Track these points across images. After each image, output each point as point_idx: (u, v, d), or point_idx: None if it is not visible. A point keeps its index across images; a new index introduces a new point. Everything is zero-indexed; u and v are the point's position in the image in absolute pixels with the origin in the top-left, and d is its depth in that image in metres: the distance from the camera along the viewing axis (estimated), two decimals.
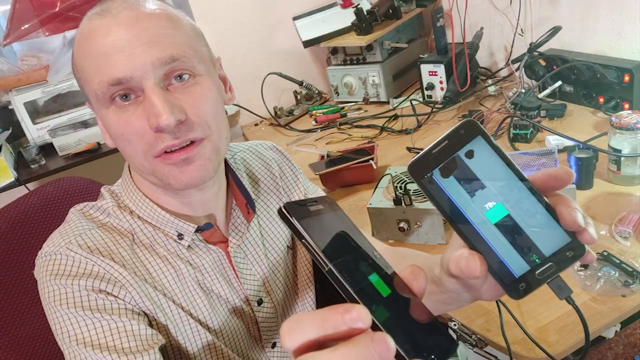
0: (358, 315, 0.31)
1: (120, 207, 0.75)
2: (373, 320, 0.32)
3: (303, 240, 0.35)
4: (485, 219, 0.43)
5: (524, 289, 0.42)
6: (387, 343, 0.30)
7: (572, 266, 0.43)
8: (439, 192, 0.43)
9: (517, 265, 0.43)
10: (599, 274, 0.88)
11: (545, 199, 0.43)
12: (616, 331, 0.92)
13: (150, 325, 0.70)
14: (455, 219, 0.44)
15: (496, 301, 0.85)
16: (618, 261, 0.90)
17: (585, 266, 0.90)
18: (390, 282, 0.38)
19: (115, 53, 0.63)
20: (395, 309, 0.36)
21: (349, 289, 0.34)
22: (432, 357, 0.34)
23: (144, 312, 0.70)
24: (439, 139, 0.44)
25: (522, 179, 0.43)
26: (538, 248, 0.42)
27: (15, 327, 0.97)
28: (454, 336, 0.88)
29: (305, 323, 0.32)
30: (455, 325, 0.88)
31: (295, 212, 0.36)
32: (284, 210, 0.36)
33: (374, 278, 0.37)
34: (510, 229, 0.43)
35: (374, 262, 0.39)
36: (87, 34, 0.65)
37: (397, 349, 0.32)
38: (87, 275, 0.67)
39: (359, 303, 0.33)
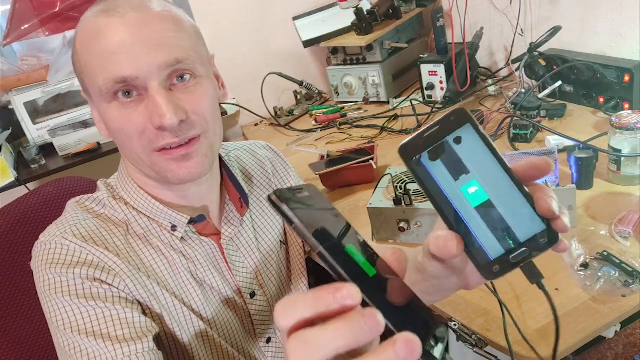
0: (349, 293, 0.32)
1: (116, 199, 0.77)
2: (363, 298, 0.34)
3: (293, 225, 0.37)
4: (466, 202, 0.45)
5: (497, 271, 0.45)
6: (377, 318, 0.32)
7: (547, 253, 0.45)
8: (426, 174, 0.46)
9: (493, 248, 0.45)
10: (599, 274, 0.88)
11: (525, 187, 0.45)
12: (616, 331, 0.92)
13: (144, 314, 0.71)
14: (438, 201, 0.46)
15: (499, 302, 0.85)
16: (618, 261, 0.90)
17: (585, 266, 0.91)
18: (374, 263, 0.39)
19: (121, 53, 0.65)
20: (381, 288, 0.37)
21: (340, 269, 0.36)
22: (419, 331, 0.35)
23: (138, 300, 0.71)
24: (430, 124, 0.46)
25: (505, 167, 0.45)
26: (514, 233, 0.45)
27: (15, 327, 0.97)
28: (455, 335, 0.88)
29: (298, 302, 0.33)
30: (455, 325, 0.88)
31: (284, 198, 0.37)
32: (273, 196, 0.37)
33: (360, 259, 0.38)
34: (489, 213, 0.45)
35: (359, 244, 0.40)
36: (94, 31, 0.67)
37: (386, 323, 0.33)
38: (82, 264, 0.69)
39: (349, 282, 0.35)
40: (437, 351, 0.36)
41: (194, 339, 0.75)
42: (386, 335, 0.32)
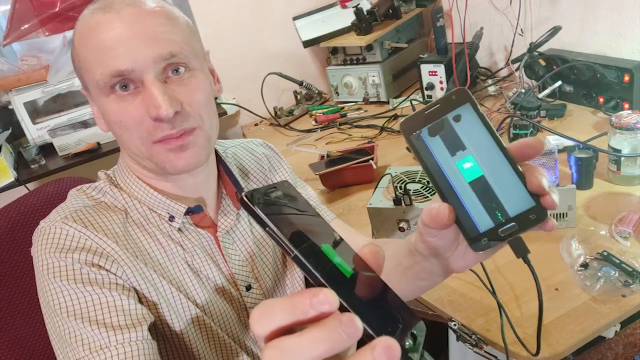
0: (325, 298, 0.32)
1: (116, 187, 0.79)
2: (340, 302, 0.33)
3: (267, 229, 0.36)
4: (461, 177, 0.47)
5: (485, 243, 0.47)
6: (355, 323, 0.31)
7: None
8: (424, 149, 0.48)
9: (483, 221, 0.47)
10: (599, 274, 0.88)
11: (519, 166, 0.46)
12: (616, 331, 0.91)
13: (141, 301, 0.72)
14: (434, 174, 0.48)
15: (497, 303, 0.85)
16: (618, 261, 0.90)
17: (585, 266, 0.91)
18: (351, 261, 0.39)
19: (118, 47, 0.67)
20: (358, 288, 0.37)
21: (316, 273, 0.35)
22: (397, 331, 0.35)
23: (134, 287, 0.72)
24: (432, 101, 0.48)
25: (500, 145, 0.46)
26: (504, 208, 0.46)
27: (15, 327, 0.97)
28: (455, 335, 0.88)
29: (275, 309, 0.32)
30: (455, 325, 0.88)
31: (257, 200, 0.37)
32: (245, 198, 0.36)
33: (337, 259, 0.37)
34: (481, 188, 0.47)
35: (335, 243, 0.40)
36: (91, 27, 0.69)
37: (364, 328, 0.32)
38: (81, 249, 0.70)
39: (326, 286, 0.34)
40: (416, 350, 0.36)
41: (191, 327, 0.76)
42: (364, 340, 0.32)
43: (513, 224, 0.46)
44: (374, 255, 0.40)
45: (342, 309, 0.33)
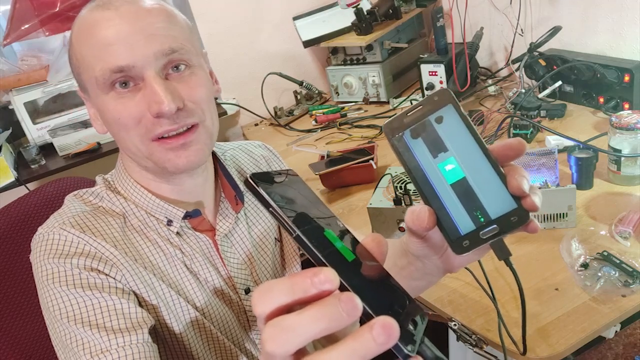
0: (326, 277, 0.32)
1: (113, 192, 0.79)
2: (341, 282, 0.33)
3: (270, 209, 0.36)
4: (443, 179, 0.47)
5: (467, 245, 0.46)
6: (354, 301, 0.31)
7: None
8: (406, 151, 0.47)
9: (464, 223, 0.46)
10: (599, 274, 0.88)
11: (500, 167, 0.46)
12: (616, 331, 0.92)
13: (140, 305, 0.72)
14: (416, 176, 0.47)
15: (494, 303, 0.85)
16: (618, 261, 0.90)
17: (585, 266, 0.91)
18: (354, 248, 0.39)
19: (118, 43, 0.67)
20: (360, 272, 0.37)
21: (317, 253, 0.35)
22: (398, 315, 0.35)
23: (134, 291, 0.72)
24: (415, 103, 0.48)
25: (482, 147, 0.46)
26: (486, 210, 0.46)
27: (15, 328, 0.97)
28: (455, 335, 0.88)
29: (276, 289, 0.32)
30: (455, 325, 0.88)
31: (261, 182, 0.37)
32: (250, 180, 0.37)
33: (339, 244, 0.38)
34: (463, 190, 0.46)
35: (338, 230, 0.40)
36: (90, 24, 0.69)
37: (364, 307, 0.33)
38: (79, 254, 0.70)
39: (327, 266, 0.34)
40: (416, 335, 0.35)
41: (190, 330, 0.76)
42: (365, 320, 0.32)
43: (494, 226, 0.45)
44: (378, 245, 0.40)
45: (343, 290, 0.33)
